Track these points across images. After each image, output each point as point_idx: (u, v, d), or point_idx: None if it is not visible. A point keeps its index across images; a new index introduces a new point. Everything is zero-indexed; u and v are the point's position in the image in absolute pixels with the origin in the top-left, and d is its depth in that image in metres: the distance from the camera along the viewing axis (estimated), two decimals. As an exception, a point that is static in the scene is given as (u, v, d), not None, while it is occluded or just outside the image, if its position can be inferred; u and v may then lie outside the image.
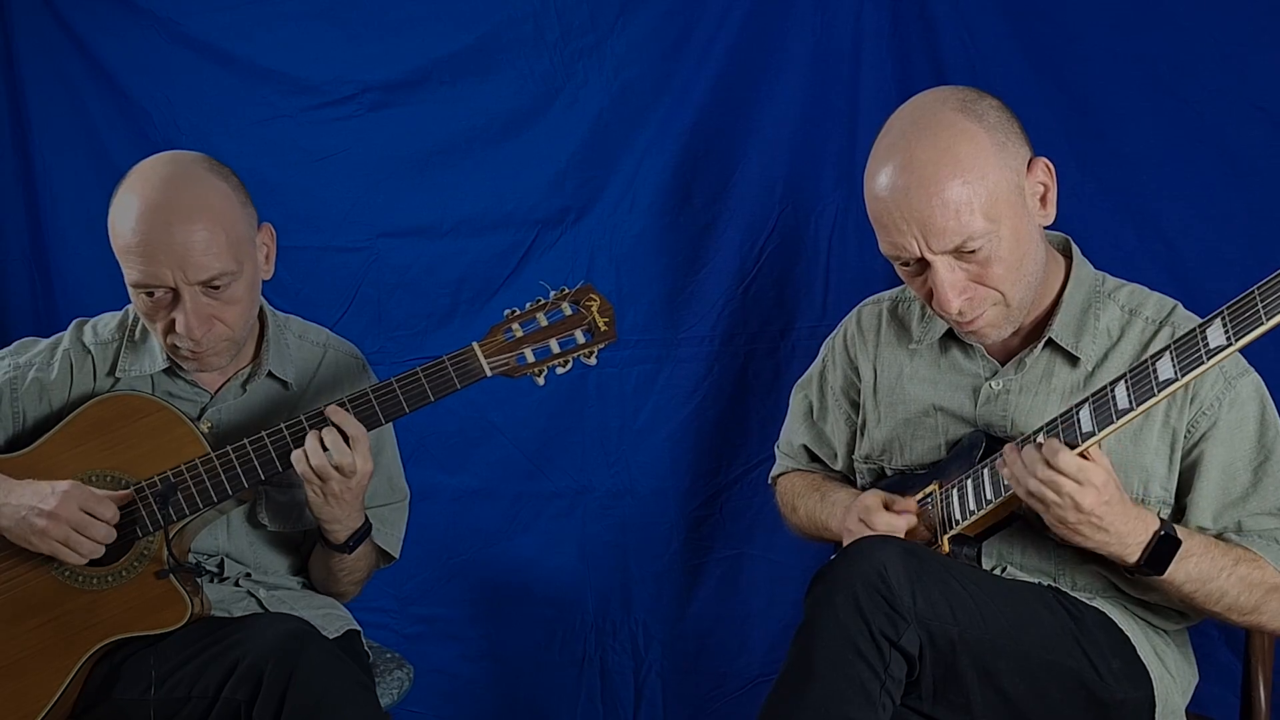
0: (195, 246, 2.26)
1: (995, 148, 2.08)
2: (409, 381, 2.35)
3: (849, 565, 1.98)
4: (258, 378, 2.49)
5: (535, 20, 3.19)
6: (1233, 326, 1.85)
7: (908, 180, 2.06)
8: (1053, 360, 2.24)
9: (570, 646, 3.39)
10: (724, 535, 3.29)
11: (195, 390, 2.49)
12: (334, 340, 2.63)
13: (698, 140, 3.14)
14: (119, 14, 3.31)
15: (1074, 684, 2.06)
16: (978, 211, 2.05)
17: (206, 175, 2.35)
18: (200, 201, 2.30)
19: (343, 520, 2.40)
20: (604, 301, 2.38)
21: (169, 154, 2.42)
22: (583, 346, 2.39)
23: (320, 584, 2.60)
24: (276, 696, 2.12)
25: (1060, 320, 2.21)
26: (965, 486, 2.19)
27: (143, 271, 2.27)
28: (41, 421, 2.44)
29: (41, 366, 2.46)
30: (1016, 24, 2.88)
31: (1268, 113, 2.71)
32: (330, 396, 2.50)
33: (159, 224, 2.26)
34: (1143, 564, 2.03)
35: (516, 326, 2.37)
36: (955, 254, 2.08)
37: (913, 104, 2.18)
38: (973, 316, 2.14)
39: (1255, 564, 2.10)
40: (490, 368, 2.36)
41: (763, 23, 3.06)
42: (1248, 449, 2.15)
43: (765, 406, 3.18)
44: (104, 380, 2.46)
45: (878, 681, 1.92)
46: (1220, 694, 2.55)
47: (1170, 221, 2.82)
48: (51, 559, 2.32)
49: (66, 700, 2.33)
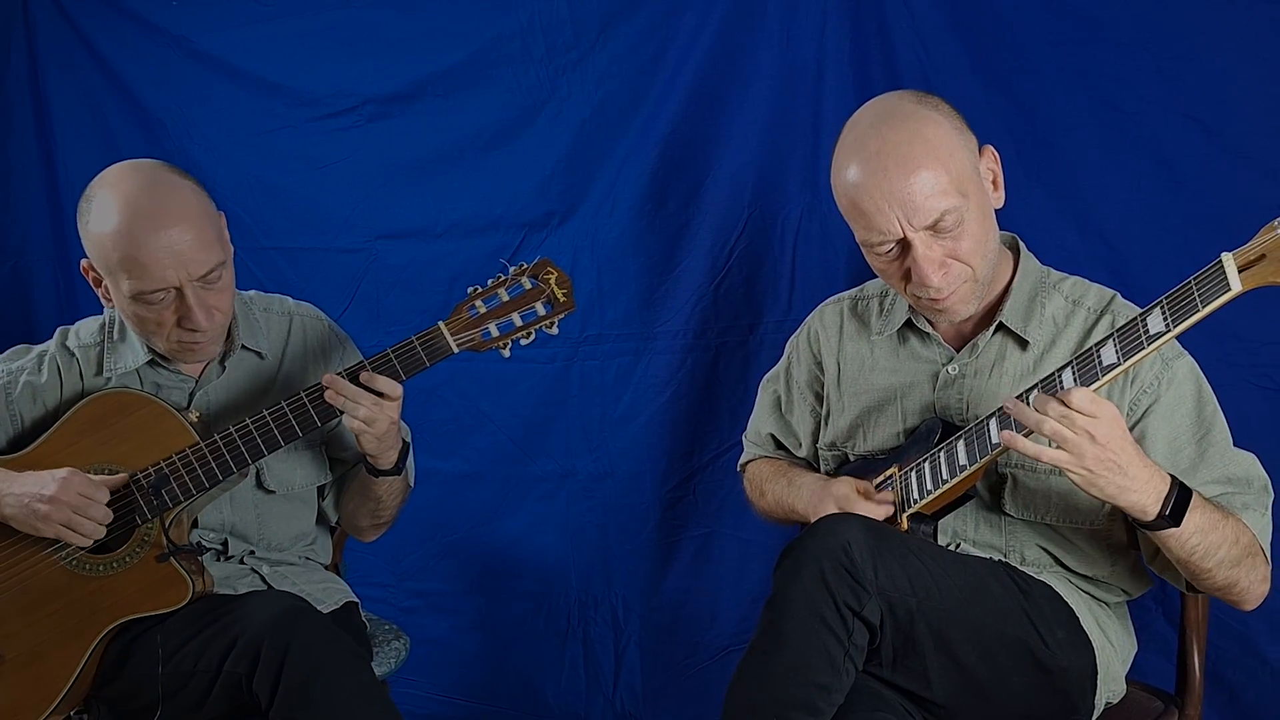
0: (190, 245, 2.24)
1: (955, 132, 2.11)
2: (380, 362, 2.31)
3: (815, 541, 1.95)
4: (233, 353, 2.46)
5: (523, 38, 3.18)
6: (1171, 314, 1.86)
7: (884, 163, 2.06)
8: (1004, 344, 2.23)
9: (555, 618, 3.39)
10: (697, 515, 3.27)
11: (180, 378, 2.46)
12: (296, 306, 2.60)
13: (673, 148, 3.13)
14: (137, 32, 3.35)
15: (1022, 652, 2.03)
16: (951, 187, 2.06)
17: (172, 177, 2.32)
18: (182, 203, 2.27)
19: (393, 445, 2.39)
20: (561, 274, 2.33)
21: (130, 163, 2.36)
22: (544, 318, 2.34)
23: (366, 519, 2.57)
24: (274, 668, 2.11)
25: (1010, 306, 2.21)
26: (923, 469, 2.17)
27: (145, 280, 2.24)
28: (38, 422, 2.42)
29: (32, 371, 2.44)
30: (968, 39, 2.86)
31: (1200, 122, 2.69)
32: (304, 360, 2.53)
33: (151, 232, 2.23)
34: (1165, 514, 1.94)
35: (480, 303, 2.32)
36: (932, 230, 2.07)
37: (871, 104, 2.19)
38: (949, 292, 2.12)
39: (1238, 522, 2.04)
40: (457, 344, 2.32)
41: (733, 39, 3.04)
42: (1189, 424, 2.12)
43: (735, 396, 3.16)
44: (92, 380, 2.44)
45: (842, 649, 1.90)
46: (1157, 662, 2.52)
47: (1110, 223, 2.80)
48: (58, 550, 2.32)
49: (84, 679, 2.33)
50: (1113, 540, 2.21)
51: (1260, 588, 2.07)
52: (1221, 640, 2.68)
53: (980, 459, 2.07)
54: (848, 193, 2.12)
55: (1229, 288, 1.80)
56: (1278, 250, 1.77)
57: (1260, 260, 1.79)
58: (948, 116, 2.12)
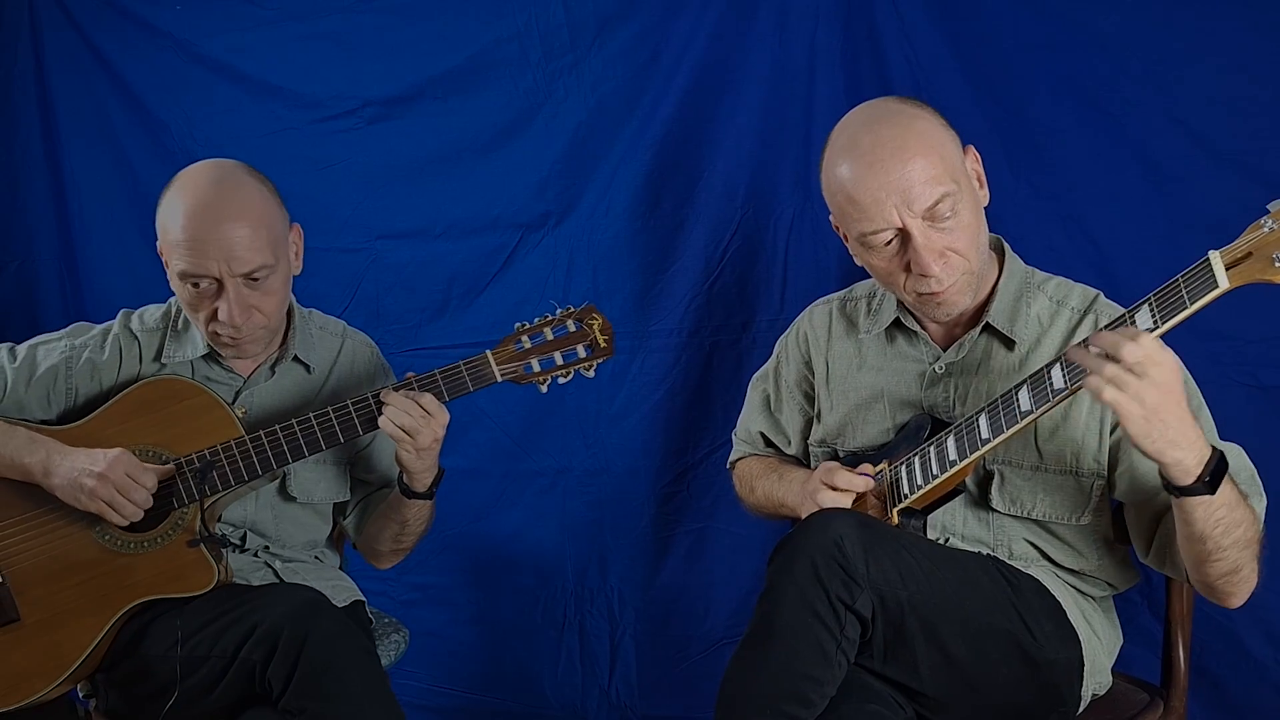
0: (240, 242, 2.28)
1: (942, 127, 2.14)
2: (427, 381, 2.38)
3: (808, 536, 1.95)
4: (285, 361, 2.50)
5: (520, 42, 3.19)
6: (1159, 311, 1.85)
7: (879, 154, 2.08)
8: (990, 344, 2.22)
9: (552, 611, 3.38)
10: (690, 510, 3.27)
11: (231, 375, 2.49)
12: (350, 331, 2.65)
13: (667, 150, 3.13)
14: (141, 35, 3.36)
15: (1010, 644, 2.03)
16: (945, 175, 2.08)
17: (247, 179, 2.37)
18: (244, 201, 2.32)
19: (430, 468, 2.42)
20: (605, 321, 2.43)
21: (214, 160, 2.44)
22: (583, 360, 2.44)
23: (388, 543, 2.59)
24: (290, 658, 2.12)
25: (996, 307, 2.21)
26: (913, 464, 2.17)
27: (191, 264, 2.29)
28: (92, 399, 2.44)
29: (95, 348, 2.47)
30: (956, 43, 2.86)
31: (1184, 124, 2.70)
32: (348, 381, 2.58)
33: (208, 221, 2.28)
34: (1205, 479, 1.88)
35: (526, 339, 2.42)
36: (930, 219, 2.07)
37: (859, 108, 2.22)
38: (949, 283, 2.12)
39: (1249, 505, 2.00)
40: (501, 374, 2.41)
41: (726, 43, 3.05)
42: None
43: (728, 393, 3.15)
44: (149, 365, 2.47)
45: (834, 642, 1.90)
46: (1143, 655, 2.51)
47: (1097, 223, 2.80)
48: (95, 523, 2.33)
49: (98, 653, 2.33)
50: (1099, 535, 2.20)
51: (1253, 580, 2.03)
52: (1206, 634, 2.68)
53: (970, 455, 2.06)
54: (844, 188, 2.12)
55: (1216, 285, 1.79)
56: (1264, 248, 1.77)
57: (1247, 258, 1.79)
58: (934, 114, 2.15)
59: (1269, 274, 1.77)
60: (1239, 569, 1.99)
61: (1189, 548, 1.98)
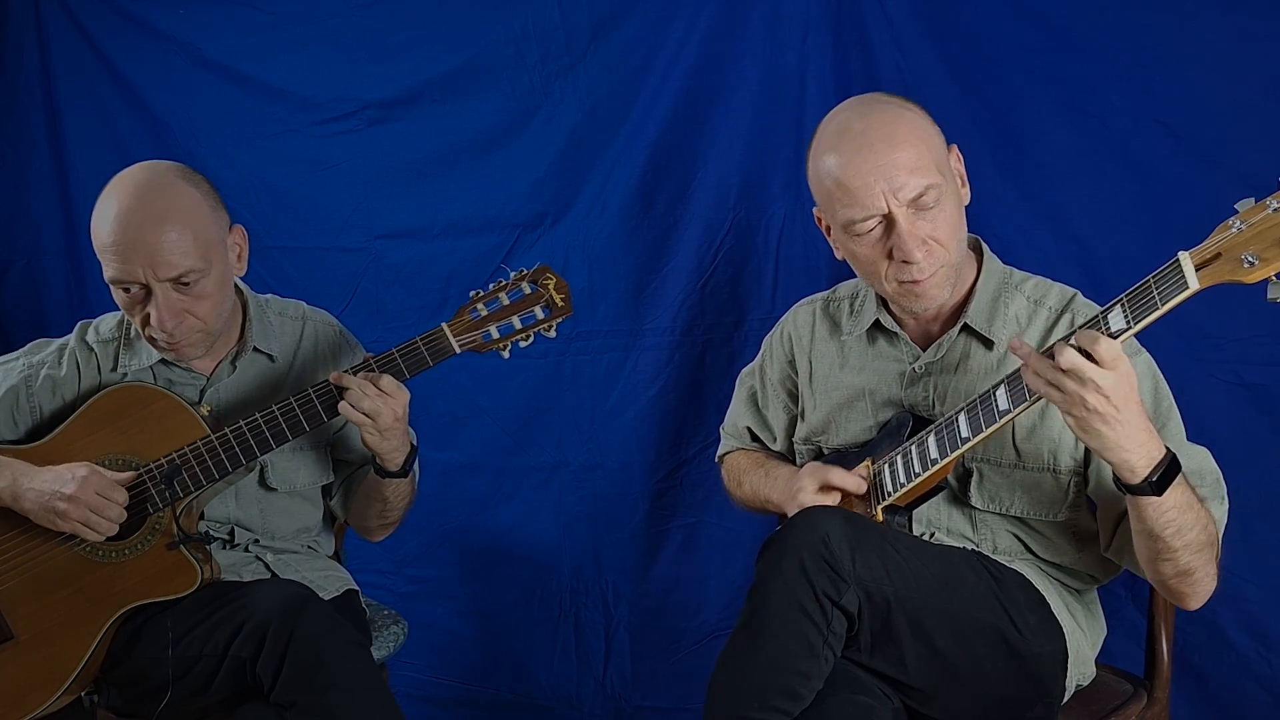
0: (165, 246, 2.22)
1: (928, 122, 2.15)
2: (385, 360, 2.32)
3: (796, 532, 1.94)
4: (245, 354, 2.46)
5: (517, 45, 3.18)
6: (1131, 312, 1.84)
7: (869, 140, 2.08)
8: (969, 343, 2.22)
9: (548, 604, 3.38)
10: (683, 505, 3.26)
11: (193, 375, 2.45)
12: (310, 311, 2.59)
13: (661, 153, 3.11)
14: (145, 39, 3.38)
15: (995, 638, 2.02)
16: (931, 166, 2.08)
17: (177, 182, 2.29)
18: (170, 206, 2.25)
19: (398, 447, 2.35)
20: (560, 279, 2.34)
21: (146, 163, 2.36)
22: (542, 321, 2.35)
23: (375, 520, 2.54)
24: (278, 653, 2.11)
25: (975, 307, 2.20)
26: (896, 461, 2.16)
27: (118, 269, 2.24)
28: (57, 413, 2.41)
29: (52, 365, 2.43)
30: (944, 47, 2.84)
31: (1167, 126, 2.68)
32: (314, 363, 2.52)
33: (132, 225, 2.22)
34: (1152, 480, 1.89)
35: (481, 306, 2.34)
36: (914, 207, 2.07)
37: (849, 101, 2.22)
38: (929, 273, 2.11)
39: (1207, 510, 2.00)
40: (459, 345, 2.33)
41: (719, 46, 3.03)
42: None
43: (720, 390, 3.12)
44: (109, 374, 2.43)
45: (821, 637, 1.89)
46: (1127, 647, 2.50)
47: (1082, 224, 2.78)
48: (72, 537, 2.31)
49: (95, 661, 2.33)
50: (1079, 530, 2.20)
51: (1208, 584, 2.03)
52: (1189, 626, 2.67)
53: (950, 453, 2.06)
54: (832, 174, 2.11)
55: (1186, 286, 1.78)
56: (1233, 249, 1.75)
57: (1216, 259, 1.77)
58: (921, 111, 2.16)
59: (1238, 274, 1.75)
60: (1191, 571, 1.99)
61: (1140, 543, 2.00)
